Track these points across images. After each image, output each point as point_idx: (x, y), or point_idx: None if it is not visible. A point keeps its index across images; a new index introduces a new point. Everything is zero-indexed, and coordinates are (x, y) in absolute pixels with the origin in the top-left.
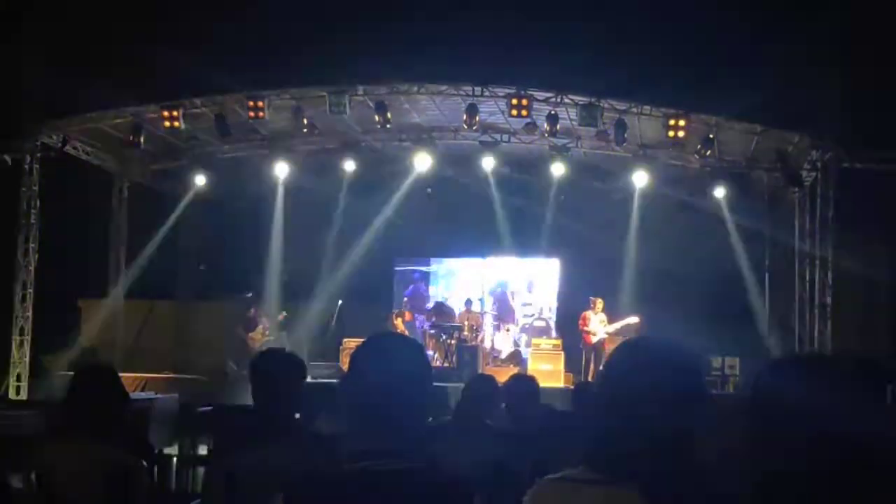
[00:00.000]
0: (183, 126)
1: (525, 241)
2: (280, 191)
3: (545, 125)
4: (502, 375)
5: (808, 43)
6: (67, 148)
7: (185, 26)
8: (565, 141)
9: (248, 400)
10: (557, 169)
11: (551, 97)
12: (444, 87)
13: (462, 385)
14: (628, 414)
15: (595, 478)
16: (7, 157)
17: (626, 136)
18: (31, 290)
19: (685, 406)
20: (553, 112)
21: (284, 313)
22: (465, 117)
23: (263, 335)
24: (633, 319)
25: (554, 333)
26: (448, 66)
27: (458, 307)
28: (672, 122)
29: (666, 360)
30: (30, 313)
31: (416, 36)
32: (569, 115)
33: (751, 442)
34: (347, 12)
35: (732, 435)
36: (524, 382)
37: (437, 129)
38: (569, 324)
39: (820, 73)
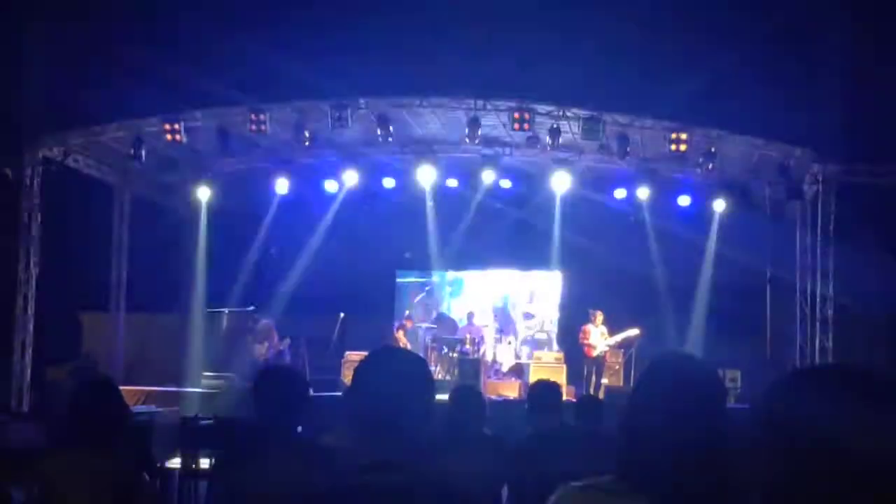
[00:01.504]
0: (184, 139)
1: (527, 254)
2: (280, 203)
3: (547, 139)
4: (504, 389)
5: (810, 57)
6: (69, 161)
7: (187, 39)
8: (567, 154)
9: (251, 414)
10: (559, 182)
11: (553, 111)
12: (445, 101)
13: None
14: (660, 428)
15: (621, 489)
16: (8, 171)
17: (627, 149)
18: (32, 303)
19: (716, 426)
20: (555, 126)
21: (288, 341)
22: (467, 131)
23: (267, 349)
24: (634, 331)
25: (555, 346)
26: (450, 79)
27: (459, 319)
28: (674, 135)
29: (701, 380)
30: (31, 326)
31: (418, 49)
32: (571, 129)
33: (769, 458)
34: (349, 26)
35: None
36: (548, 387)
37: (439, 143)
38: (571, 336)
39: (821, 87)
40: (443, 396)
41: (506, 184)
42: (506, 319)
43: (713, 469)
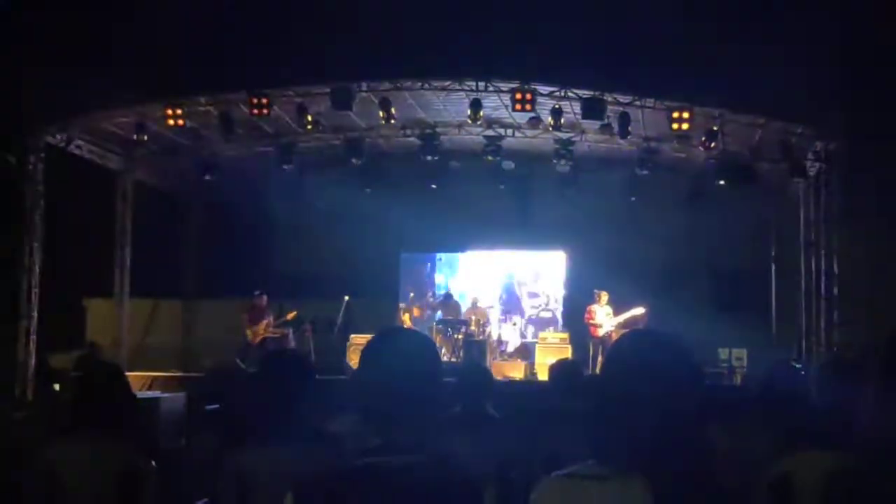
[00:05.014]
0: (187, 124)
1: (531, 234)
2: (283, 187)
3: (549, 119)
4: (509, 369)
5: (812, 33)
6: (71, 147)
7: (188, 23)
8: (569, 134)
9: (257, 398)
10: (562, 162)
11: (555, 91)
12: (447, 83)
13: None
14: (630, 406)
15: (603, 472)
16: (12, 158)
17: (629, 129)
18: (36, 290)
19: (684, 395)
20: (557, 106)
21: (295, 313)
22: (469, 112)
23: (266, 329)
24: (639, 310)
25: (560, 324)
26: (451, 61)
27: (463, 303)
28: (676, 114)
29: (662, 352)
30: (35, 313)
31: (419, 31)
32: (573, 109)
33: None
34: (349, 8)
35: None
36: (566, 365)
37: (441, 125)
38: (576, 316)
39: (824, 64)
40: (449, 379)
41: (508, 164)
42: (511, 299)
43: (691, 444)
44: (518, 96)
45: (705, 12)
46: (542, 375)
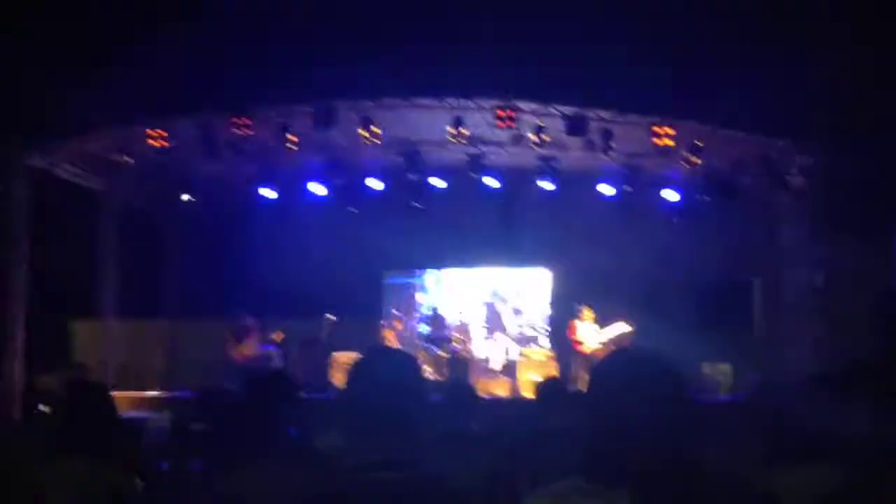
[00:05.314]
0: (169, 145)
1: (514, 252)
2: (265, 207)
3: (532, 136)
4: (494, 387)
5: (792, 49)
6: (55, 170)
7: (170, 44)
8: (552, 151)
9: (243, 418)
10: (545, 179)
11: (537, 108)
12: (429, 101)
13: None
14: (616, 423)
15: (589, 489)
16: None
17: (612, 144)
18: (22, 313)
19: (670, 412)
20: (540, 123)
21: (282, 334)
22: (451, 130)
23: (250, 350)
24: (624, 327)
25: (545, 343)
26: (433, 78)
27: (447, 317)
28: (658, 129)
29: (648, 369)
30: (21, 335)
31: (400, 49)
32: (555, 126)
33: None
34: (331, 27)
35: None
36: (553, 384)
37: (423, 143)
38: (561, 333)
39: (804, 78)
40: (434, 396)
41: (492, 182)
42: (495, 317)
43: (681, 458)
44: (500, 113)
45: (686, 31)
46: (527, 392)
